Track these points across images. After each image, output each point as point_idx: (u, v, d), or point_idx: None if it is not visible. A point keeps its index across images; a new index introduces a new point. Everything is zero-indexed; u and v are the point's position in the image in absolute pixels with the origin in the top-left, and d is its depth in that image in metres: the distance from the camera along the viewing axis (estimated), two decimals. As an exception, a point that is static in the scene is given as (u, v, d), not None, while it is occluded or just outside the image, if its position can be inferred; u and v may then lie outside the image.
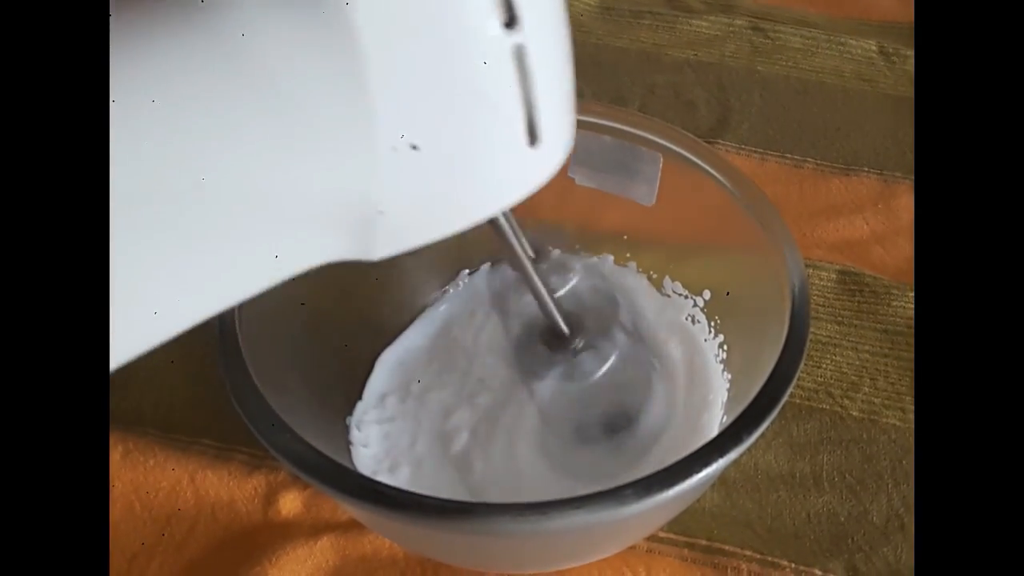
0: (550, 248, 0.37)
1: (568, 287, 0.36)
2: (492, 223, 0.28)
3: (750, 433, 0.29)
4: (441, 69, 0.22)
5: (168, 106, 0.20)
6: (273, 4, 0.20)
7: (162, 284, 0.22)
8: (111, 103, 0.19)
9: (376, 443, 0.39)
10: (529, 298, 0.33)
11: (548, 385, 0.36)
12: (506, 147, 0.24)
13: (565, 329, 0.34)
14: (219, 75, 0.20)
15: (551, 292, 0.35)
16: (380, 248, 0.24)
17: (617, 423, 0.37)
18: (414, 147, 0.22)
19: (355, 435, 0.39)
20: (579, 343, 0.35)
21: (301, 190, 0.22)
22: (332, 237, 0.23)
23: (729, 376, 0.39)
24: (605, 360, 0.35)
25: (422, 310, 0.44)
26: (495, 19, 0.21)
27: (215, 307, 0.23)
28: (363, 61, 0.20)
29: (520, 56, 0.22)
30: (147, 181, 0.20)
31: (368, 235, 0.23)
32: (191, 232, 0.21)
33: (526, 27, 0.22)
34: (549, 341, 0.35)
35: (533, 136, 0.24)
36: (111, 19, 0.20)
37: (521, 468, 0.37)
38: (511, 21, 0.22)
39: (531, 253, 0.35)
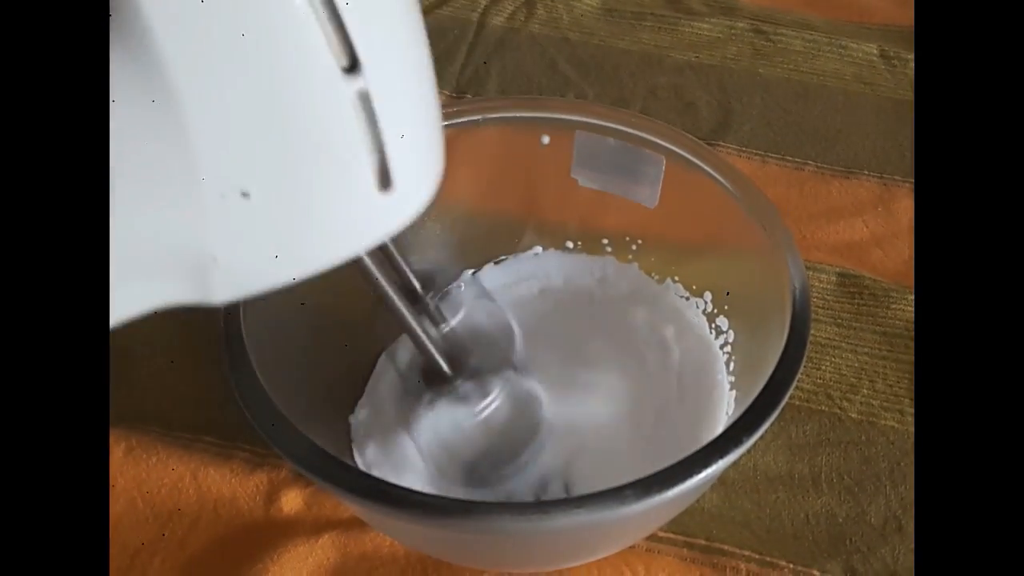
0: (439, 277, 0.36)
1: (458, 318, 0.36)
2: (356, 262, 0.27)
3: (750, 435, 0.29)
4: (273, 115, 0.20)
5: None
6: None
7: None
8: None
9: (377, 441, 0.39)
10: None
11: (427, 425, 0.35)
12: (352, 193, 0.23)
13: (445, 368, 0.33)
14: None
15: (439, 324, 0.35)
16: (219, 293, 0.23)
17: (504, 463, 0.36)
18: (245, 194, 0.21)
19: (357, 433, 0.39)
20: (459, 382, 0.33)
21: (124, 236, 0.20)
22: (167, 282, 0.22)
23: (731, 377, 0.39)
24: (487, 397, 0.34)
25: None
26: (333, 65, 0.20)
27: None
28: (179, 107, 0.19)
29: (365, 101, 0.21)
30: None
31: (204, 281, 0.22)
32: None
33: (369, 71, 0.21)
34: (429, 379, 0.34)
35: (386, 181, 0.23)
36: None
37: None
38: (352, 66, 0.21)
39: (416, 286, 0.34)
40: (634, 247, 0.44)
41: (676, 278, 0.43)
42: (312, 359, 0.36)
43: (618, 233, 0.44)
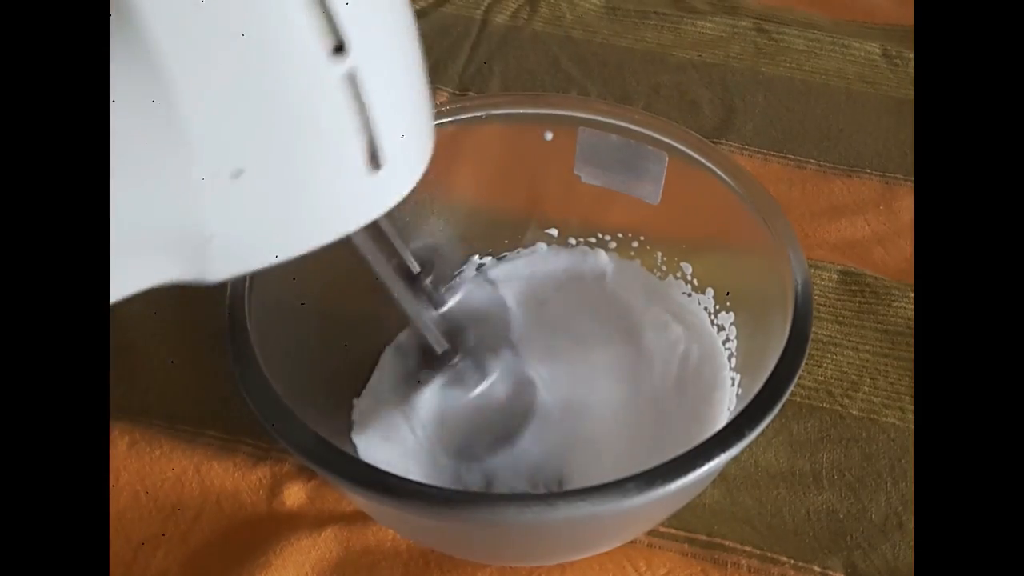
0: (437, 258, 0.36)
1: (456, 299, 0.36)
2: (350, 242, 0.27)
3: (752, 429, 0.29)
4: (262, 96, 0.21)
5: None
6: None
7: None
8: None
9: (376, 426, 0.39)
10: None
11: (423, 401, 0.35)
12: (342, 172, 0.23)
13: (438, 348, 0.33)
14: None
15: (438, 306, 0.35)
16: (214, 271, 0.23)
17: (498, 442, 0.37)
18: (237, 173, 0.21)
19: (357, 422, 0.39)
20: (456, 361, 0.34)
21: (118, 214, 0.21)
22: (162, 260, 0.23)
23: (733, 372, 0.39)
24: (484, 377, 0.35)
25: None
26: (321, 46, 0.21)
27: None
28: (169, 87, 0.20)
29: (353, 82, 0.21)
30: None
31: (200, 259, 0.23)
32: None
33: (358, 52, 0.21)
34: (427, 359, 0.34)
35: (375, 161, 0.23)
36: None
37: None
38: (340, 47, 0.21)
39: (414, 267, 0.34)
40: (636, 243, 0.44)
41: (679, 274, 0.43)
42: (316, 352, 0.37)
43: (621, 229, 0.44)
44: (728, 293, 0.41)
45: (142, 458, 0.40)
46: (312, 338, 0.37)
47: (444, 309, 0.36)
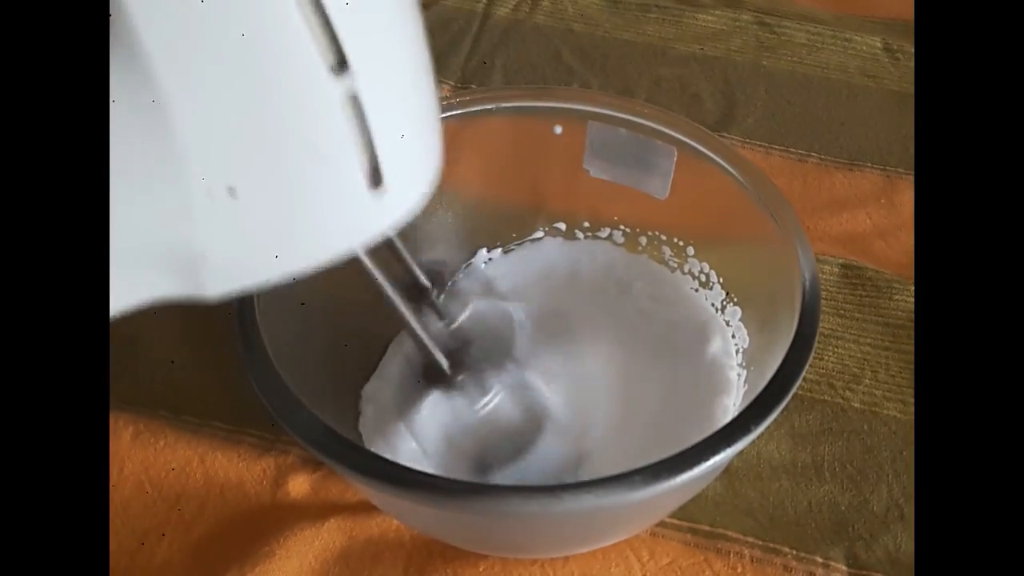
0: (446, 272, 0.36)
1: (465, 314, 0.36)
2: (354, 259, 0.27)
3: (757, 424, 0.29)
4: (260, 114, 0.20)
5: None
6: None
7: None
8: None
9: (383, 439, 0.39)
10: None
11: (428, 422, 0.35)
12: (342, 192, 0.22)
13: (445, 366, 0.33)
14: None
15: (445, 320, 0.35)
16: (211, 288, 0.23)
17: (509, 457, 0.36)
18: (232, 192, 0.21)
19: (365, 426, 0.39)
20: (460, 378, 0.33)
21: (115, 229, 0.21)
22: (159, 276, 0.22)
23: (739, 368, 0.40)
24: (487, 393, 0.34)
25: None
26: (321, 64, 0.20)
27: None
28: (166, 104, 0.19)
29: (354, 100, 0.21)
30: None
31: (196, 276, 0.22)
32: None
33: (359, 70, 0.21)
34: (429, 376, 0.34)
35: (376, 179, 0.22)
36: None
37: None
38: (341, 66, 0.20)
39: (423, 281, 0.34)
40: (644, 238, 0.44)
41: (686, 269, 0.43)
42: (325, 344, 0.37)
43: (629, 224, 0.44)
44: (735, 288, 0.41)
45: (146, 449, 0.40)
46: (319, 329, 0.37)
47: (454, 326, 0.35)
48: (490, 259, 0.45)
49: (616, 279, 0.44)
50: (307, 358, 0.34)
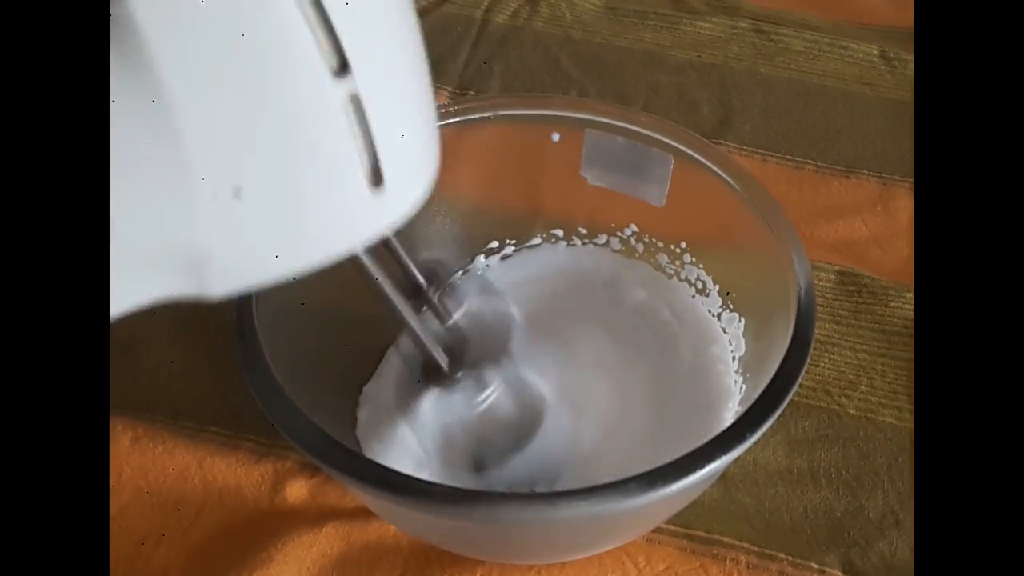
0: (443, 271, 0.36)
1: (461, 311, 0.36)
2: (351, 258, 0.27)
3: (753, 432, 0.29)
4: (263, 116, 0.21)
5: None
6: None
7: None
8: None
9: (381, 436, 0.39)
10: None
11: (428, 418, 0.35)
12: (343, 192, 0.23)
13: (441, 363, 0.33)
14: None
15: (443, 318, 0.35)
16: (215, 287, 0.23)
17: (506, 453, 0.36)
18: (237, 193, 0.21)
19: (362, 427, 0.39)
20: (459, 375, 0.33)
21: (118, 230, 0.21)
22: (164, 276, 0.22)
23: (735, 374, 0.40)
24: (485, 389, 0.34)
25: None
26: (322, 67, 0.21)
27: None
28: (170, 106, 0.20)
29: (355, 102, 0.21)
30: None
31: (200, 275, 0.23)
32: None
33: (359, 72, 0.21)
34: (427, 373, 0.34)
35: (377, 179, 0.23)
36: None
37: None
38: (342, 67, 0.21)
39: (420, 280, 0.34)
40: (641, 245, 0.44)
41: (683, 275, 0.43)
42: (323, 348, 0.37)
43: (625, 230, 0.44)
44: (732, 295, 0.41)
45: (145, 454, 0.40)
46: (317, 335, 0.37)
47: (450, 323, 0.36)
48: (488, 266, 0.45)
49: (613, 286, 0.44)
50: (305, 362, 0.34)
